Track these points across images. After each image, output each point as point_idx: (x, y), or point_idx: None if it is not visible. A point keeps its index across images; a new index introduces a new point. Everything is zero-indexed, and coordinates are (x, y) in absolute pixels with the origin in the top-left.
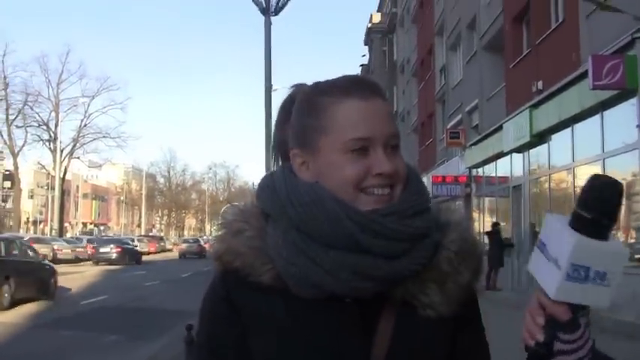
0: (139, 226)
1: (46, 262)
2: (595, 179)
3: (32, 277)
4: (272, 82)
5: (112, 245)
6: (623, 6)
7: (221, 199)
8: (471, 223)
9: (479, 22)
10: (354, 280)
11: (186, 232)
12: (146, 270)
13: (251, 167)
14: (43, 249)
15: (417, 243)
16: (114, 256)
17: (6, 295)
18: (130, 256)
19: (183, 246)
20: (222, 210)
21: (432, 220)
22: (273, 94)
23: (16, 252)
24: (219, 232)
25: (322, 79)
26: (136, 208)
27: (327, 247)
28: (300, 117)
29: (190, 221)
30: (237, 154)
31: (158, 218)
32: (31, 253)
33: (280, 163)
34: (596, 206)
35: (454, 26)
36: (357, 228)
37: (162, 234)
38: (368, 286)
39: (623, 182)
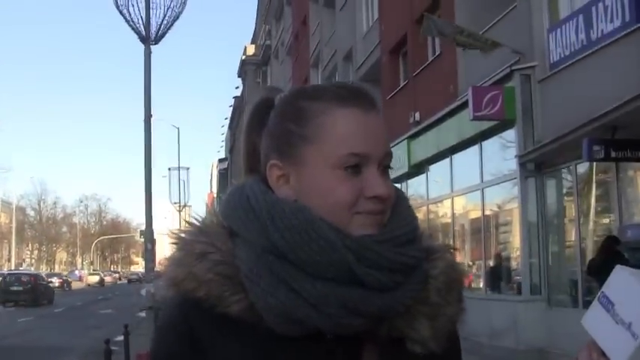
0: (8, 260)
1: None
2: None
3: None
4: (151, 112)
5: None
6: (502, 39)
7: (92, 232)
8: (452, 251)
9: (355, 54)
10: (343, 316)
11: (57, 267)
12: (17, 306)
13: (124, 200)
14: None
15: (409, 274)
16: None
17: None
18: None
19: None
20: (99, 250)
21: (424, 248)
22: (152, 123)
23: None
24: (176, 254)
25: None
26: (5, 242)
27: (313, 278)
28: (283, 123)
29: (62, 255)
30: (109, 186)
31: (28, 252)
32: None
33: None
34: None
35: (330, 58)
36: (353, 257)
37: (32, 269)
38: (358, 322)
39: (500, 211)
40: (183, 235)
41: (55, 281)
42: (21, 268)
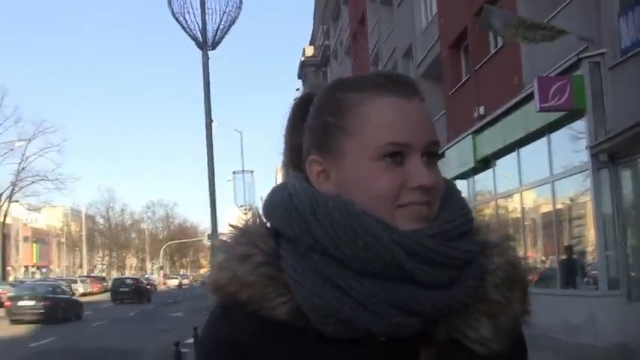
0: (80, 267)
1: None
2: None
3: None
4: (212, 117)
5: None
6: (567, 27)
7: (160, 237)
8: (513, 244)
9: (415, 50)
10: (395, 315)
11: (127, 271)
12: (91, 310)
13: (190, 205)
14: None
15: (464, 270)
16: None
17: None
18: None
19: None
20: (168, 254)
21: (479, 242)
22: (213, 129)
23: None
24: (218, 258)
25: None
26: (76, 249)
27: (360, 275)
28: (322, 116)
29: (131, 260)
30: (175, 192)
31: (99, 259)
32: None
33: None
34: None
35: (389, 56)
36: (402, 252)
37: (104, 274)
38: (411, 322)
39: (573, 204)
40: (226, 238)
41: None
42: (92, 274)
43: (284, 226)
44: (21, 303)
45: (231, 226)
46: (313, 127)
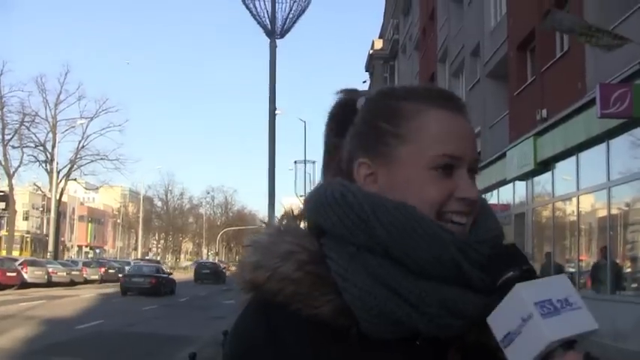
0: (135, 249)
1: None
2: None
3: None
4: (276, 106)
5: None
6: (631, 35)
7: (218, 223)
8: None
9: (483, 49)
10: (444, 317)
11: (182, 256)
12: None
13: (249, 192)
14: (37, 271)
15: None
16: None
17: None
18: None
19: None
20: (225, 240)
21: None
22: (276, 117)
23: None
24: (252, 257)
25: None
26: (132, 231)
27: (414, 276)
28: (374, 122)
29: (187, 245)
30: (235, 178)
31: (155, 242)
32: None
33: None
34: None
35: (457, 53)
36: (461, 255)
37: (158, 258)
38: (457, 324)
39: (628, 210)
40: (260, 237)
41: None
42: (147, 257)
43: (336, 225)
44: (133, 279)
45: (264, 223)
46: (364, 132)
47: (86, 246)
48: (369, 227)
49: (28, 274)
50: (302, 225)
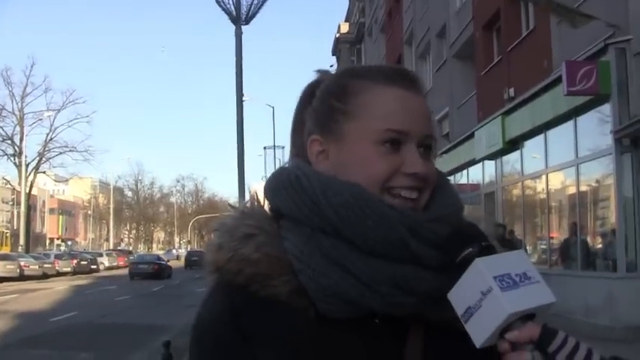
0: (107, 240)
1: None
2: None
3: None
4: (243, 92)
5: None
6: (596, 12)
7: (189, 211)
8: (495, 239)
9: (448, 30)
10: (396, 295)
11: (154, 246)
12: (116, 285)
13: (220, 179)
14: (9, 265)
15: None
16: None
17: None
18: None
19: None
20: (196, 229)
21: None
22: (244, 104)
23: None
24: (217, 240)
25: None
26: (103, 222)
27: (366, 255)
28: (326, 100)
29: (159, 234)
30: (205, 166)
31: (126, 232)
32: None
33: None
34: (462, 244)
35: (423, 35)
36: (407, 233)
37: (130, 248)
38: (411, 302)
39: (597, 186)
40: (225, 220)
41: None
42: (119, 248)
43: (291, 208)
44: (140, 266)
45: (230, 206)
46: (318, 109)
47: (58, 238)
48: (320, 209)
49: (0, 269)
50: (266, 208)
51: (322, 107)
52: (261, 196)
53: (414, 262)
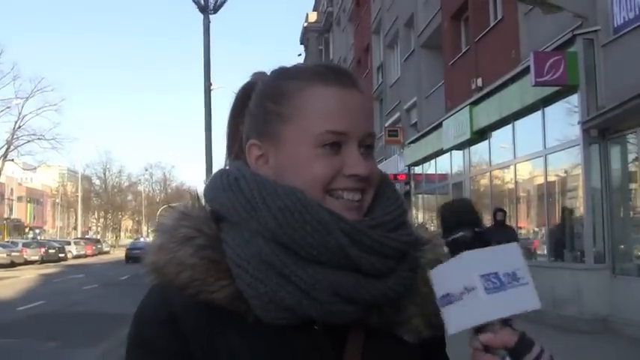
0: (75, 228)
1: None
2: (447, 205)
3: None
4: (211, 81)
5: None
6: (564, 3)
7: (157, 200)
8: (442, 241)
9: (416, 20)
10: (335, 303)
11: (122, 234)
12: (84, 273)
13: (188, 168)
14: None
15: (400, 261)
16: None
17: None
18: None
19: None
20: (159, 214)
21: (414, 234)
22: (212, 92)
23: None
24: (157, 240)
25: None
26: (71, 210)
27: (304, 262)
28: (262, 102)
29: (127, 223)
30: (174, 154)
31: (94, 220)
32: None
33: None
34: (461, 223)
35: (391, 24)
36: (347, 240)
37: (98, 236)
38: (349, 309)
39: (565, 177)
40: (165, 220)
41: None
42: (87, 236)
43: (229, 211)
44: (134, 251)
45: (170, 207)
46: (254, 113)
47: (26, 226)
48: (258, 213)
49: None
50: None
51: (258, 111)
52: (202, 196)
53: (354, 270)
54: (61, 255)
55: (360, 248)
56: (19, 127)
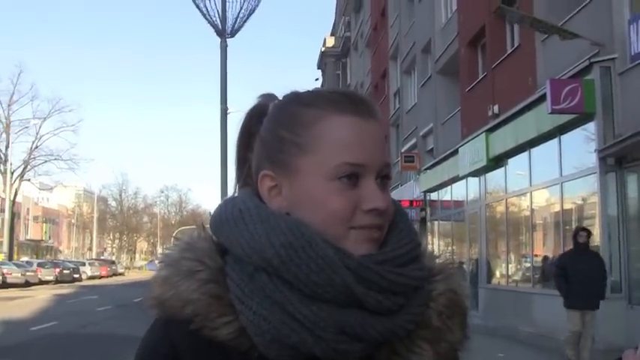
0: (90, 249)
1: None
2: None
3: None
4: (227, 105)
5: None
6: (581, 31)
7: (173, 222)
8: (456, 270)
9: (433, 46)
10: (342, 342)
11: (137, 256)
12: (98, 294)
13: (203, 190)
14: None
15: (411, 296)
16: None
17: None
18: None
19: None
20: (174, 236)
21: (426, 268)
22: (228, 116)
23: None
24: (162, 272)
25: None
26: (87, 231)
27: (309, 300)
28: (276, 130)
29: (142, 245)
30: (189, 177)
31: (109, 242)
32: None
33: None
34: None
35: (408, 50)
36: (352, 277)
37: (113, 258)
38: (357, 348)
39: (581, 205)
40: (169, 251)
41: None
42: (102, 257)
43: (233, 244)
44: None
45: (175, 238)
46: (267, 140)
47: (43, 247)
48: (261, 248)
49: None
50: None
51: (272, 138)
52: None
53: (361, 307)
54: (75, 275)
55: (367, 286)
56: (37, 147)
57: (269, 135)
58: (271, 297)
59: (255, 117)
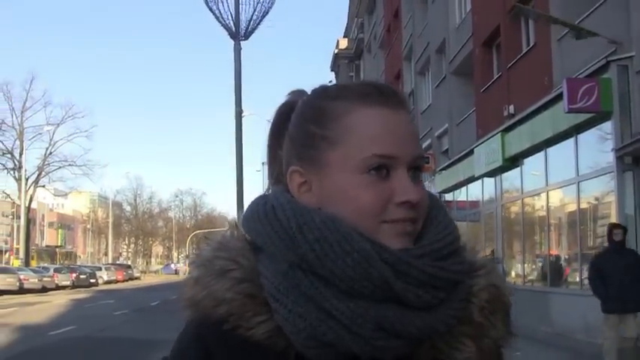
0: (105, 254)
1: None
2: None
3: None
4: (242, 107)
5: None
6: (598, 29)
7: (188, 226)
8: (496, 266)
9: (448, 46)
10: (380, 338)
11: (153, 260)
12: (114, 299)
13: (218, 194)
14: (8, 279)
15: (452, 290)
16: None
17: None
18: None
19: None
20: (189, 240)
21: (467, 262)
22: (242, 119)
23: None
24: (194, 273)
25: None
26: (102, 236)
27: (346, 295)
28: (304, 125)
29: (157, 249)
30: (204, 181)
31: (125, 246)
32: None
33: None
34: None
35: (422, 51)
36: (390, 271)
37: (129, 262)
38: (395, 344)
39: (598, 204)
40: (202, 252)
41: None
42: (118, 262)
43: (266, 242)
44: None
45: (206, 238)
46: (295, 136)
47: (58, 253)
48: (295, 245)
49: (0, 282)
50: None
51: (299, 134)
52: (240, 225)
53: (399, 302)
54: (92, 280)
55: (406, 280)
56: (50, 153)
57: (297, 131)
58: (306, 294)
59: (285, 114)
